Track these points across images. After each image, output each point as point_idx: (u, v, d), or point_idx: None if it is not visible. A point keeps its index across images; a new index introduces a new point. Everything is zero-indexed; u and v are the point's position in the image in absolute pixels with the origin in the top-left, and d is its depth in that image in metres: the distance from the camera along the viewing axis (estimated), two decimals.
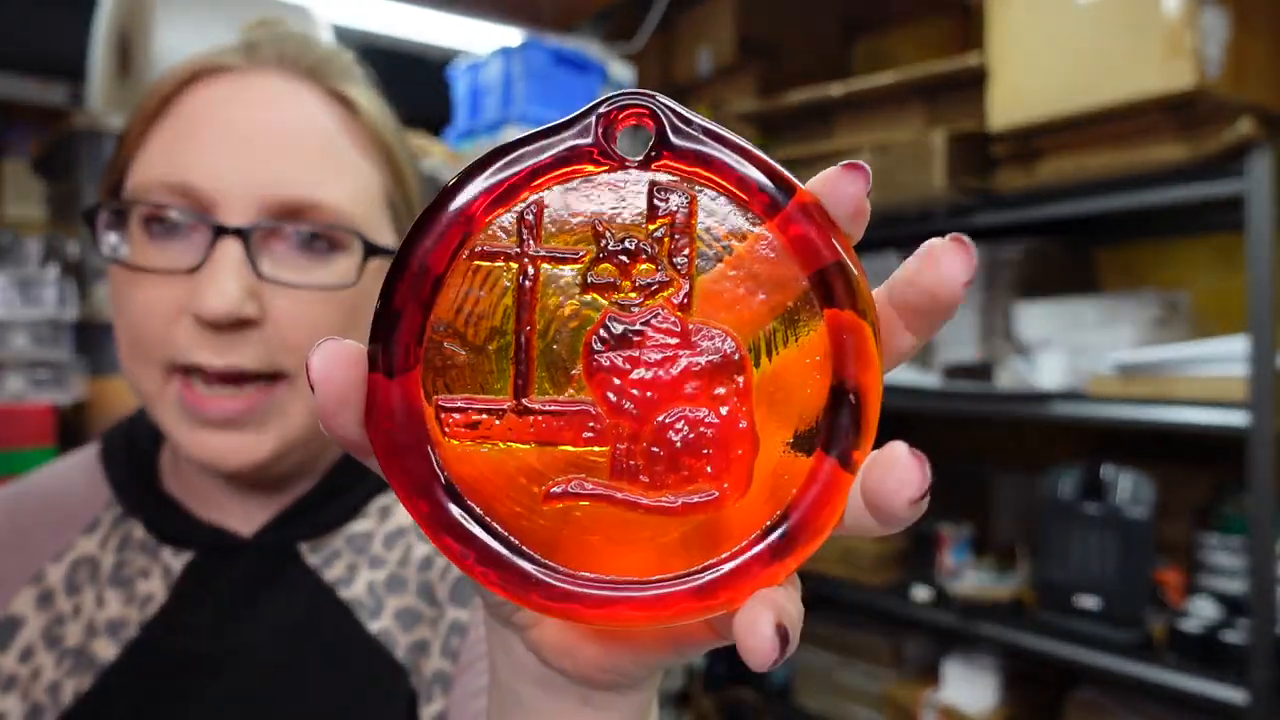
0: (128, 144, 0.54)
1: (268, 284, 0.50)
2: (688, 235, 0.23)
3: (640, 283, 0.23)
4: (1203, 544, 1.62)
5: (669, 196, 0.23)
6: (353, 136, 0.54)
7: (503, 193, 0.23)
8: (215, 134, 0.50)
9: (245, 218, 0.50)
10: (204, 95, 0.52)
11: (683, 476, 0.23)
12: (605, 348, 0.23)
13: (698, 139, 0.23)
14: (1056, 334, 1.71)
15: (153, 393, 0.51)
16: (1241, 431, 1.37)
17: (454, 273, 0.23)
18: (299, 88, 0.54)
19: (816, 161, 1.95)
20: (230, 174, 0.50)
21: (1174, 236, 1.90)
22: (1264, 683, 1.34)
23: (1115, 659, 1.53)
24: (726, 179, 0.23)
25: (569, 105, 1.91)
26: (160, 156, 0.51)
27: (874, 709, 2.01)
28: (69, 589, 0.54)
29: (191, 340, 0.49)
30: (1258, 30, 1.48)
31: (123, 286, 0.51)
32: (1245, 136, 1.35)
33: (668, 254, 0.23)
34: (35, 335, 1.35)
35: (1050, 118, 1.55)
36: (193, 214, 0.50)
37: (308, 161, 0.52)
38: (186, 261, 0.49)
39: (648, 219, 0.23)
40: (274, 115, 0.52)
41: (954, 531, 1.94)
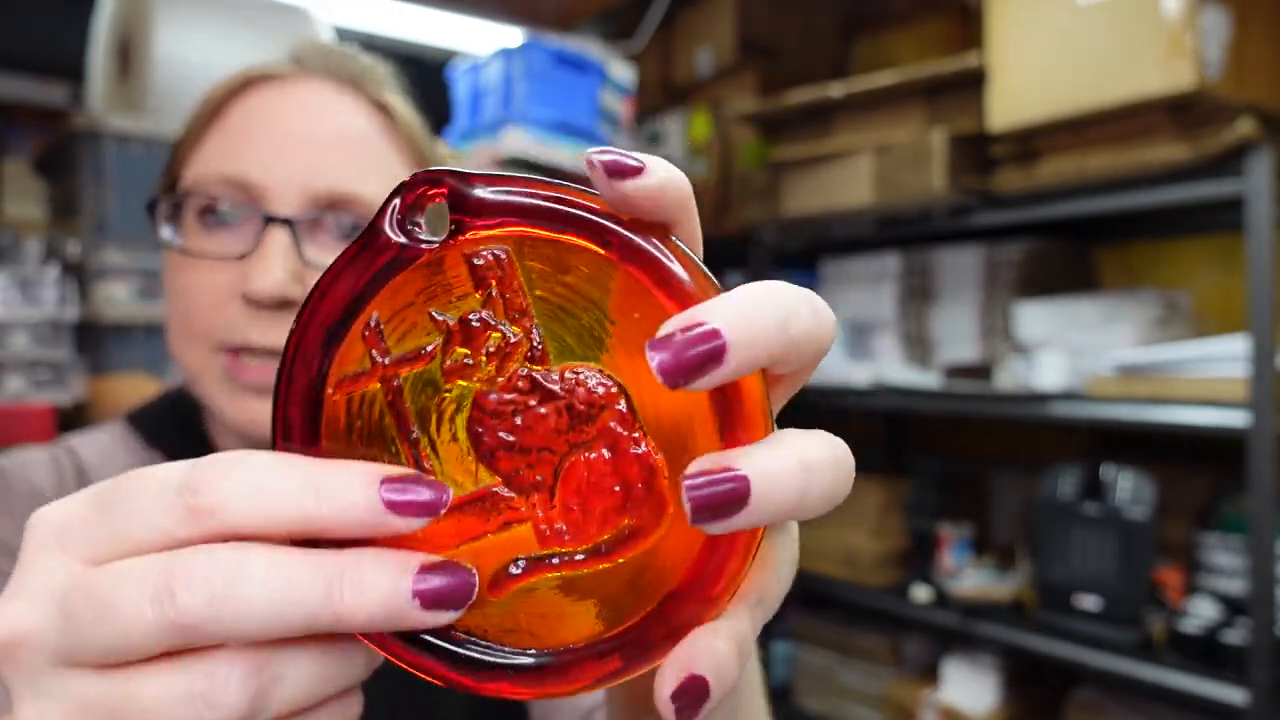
0: (185, 145, 0.58)
1: (311, 269, 0.54)
2: (517, 290, 0.23)
3: (491, 352, 0.23)
4: (1202, 544, 1.62)
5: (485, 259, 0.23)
6: (389, 140, 0.60)
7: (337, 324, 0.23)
8: (266, 134, 0.55)
9: (292, 208, 0.54)
10: (256, 100, 0.57)
11: (604, 521, 0.23)
12: (486, 427, 0.23)
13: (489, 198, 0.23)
14: (1056, 334, 1.71)
15: (199, 368, 0.56)
16: (1241, 431, 1.37)
17: (327, 413, 0.23)
18: (342, 95, 0.59)
19: (817, 161, 1.95)
20: (279, 169, 0.54)
21: (1174, 237, 1.90)
22: (1264, 683, 1.34)
23: (1115, 659, 1.53)
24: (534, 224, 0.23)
25: (569, 105, 1.91)
26: (215, 154, 0.56)
27: (873, 709, 2.01)
28: None
29: (241, 320, 0.54)
30: (1258, 30, 1.48)
31: (177, 272, 0.56)
32: (1245, 137, 1.35)
33: (506, 315, 0.23)
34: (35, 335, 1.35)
35: (1050, 118, 1.55)
36: (244, 204, 0.54)
37: (349, 159, 0.56)
38: (238, 249, 0.54)
39: (476, 289, 0.23)
40: (320, 118, 0.57)
41: (954, 531, 1.94)
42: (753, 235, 2.17)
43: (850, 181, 1.87)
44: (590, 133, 1.91)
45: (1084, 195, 1.59)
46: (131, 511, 0.22)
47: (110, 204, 1.38)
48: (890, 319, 2.04)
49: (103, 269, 1.39)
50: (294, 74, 0.59)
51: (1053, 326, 1.73)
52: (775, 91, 2.07)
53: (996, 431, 2.22)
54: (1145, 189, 1.51)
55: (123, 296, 1.40)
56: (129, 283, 1.41)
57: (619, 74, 2.13)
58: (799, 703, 2.19)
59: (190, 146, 0.58)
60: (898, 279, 2.04)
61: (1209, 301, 1.83)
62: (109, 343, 1.38)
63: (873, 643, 2.04)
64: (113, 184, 1.38)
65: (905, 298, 2.03)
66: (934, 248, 1.98)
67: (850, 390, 1.99)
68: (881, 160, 1.81)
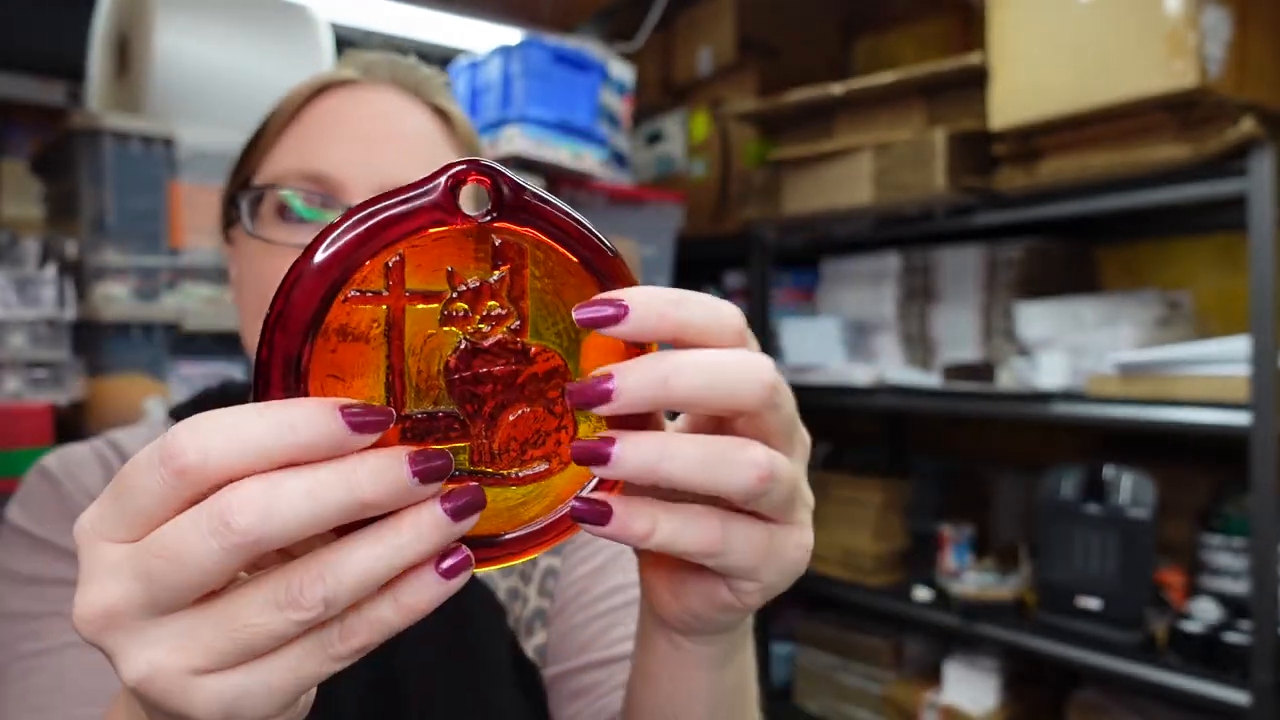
0: (259, 146, 0.63)
1: None
2: (522, 278, 0.30)
3: (487, 314, 0.30)
4: (1204, 545, 1.62)
5: (507, 248, 0.30)
6: (448, 141, 0.65)
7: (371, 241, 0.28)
8: (341, 133, 0.60)
9: None
10: (331, 103, 0.62)
11: (525, 458, 0.31)
12: (461, 367, 0.30)
13: (528, 203, 0.30)
14: (1057, 334, 1.71)
15: None
16: (1243, 431, 1.37)
17: (334, 312, 0.28)
18: (407, 99, 0.64)
19: (817, 160, 1.94)
20: (354, 165, 0.59)
21: (1175, 236, 1.90)
22: (1266, 684, 1.34)
23: (1117, 660, 1.52)
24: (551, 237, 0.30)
25: (569, 104, 1.90)
26: (294, 152, 0.60)
27: (874, 710, 2.01)
28: None
29: None
30: (1260, 29, 1.47)
31: (257, 260, 0.60)
32: (1247, 136, 1.34)
33: (507, 293, 0.30)
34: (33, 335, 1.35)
35: (1051, 117, 1.55)
36: (323, 197, 0.59)
37: (416, 158, 0.61)
38: None
39: (492, 266, 0.30)
40: (389, 119, 0.62)
41: (955, 532, 1.94)
42: (753, 235, 2.17)
43: (851, 181, 1.87)
44: (590, 132, 1.91)
45: (1085, 195, 1.58)
46: (135, 492, 0.26)
47: (109, 203, 1.38)
48: (891, 319, 2.03)
49: (101, 268, 1.39)
50: (363, 81, 0.64)
51: (1054, 326, 1.72)
52: (775, 91, 2.07)
53: (998, 432, 2.21)
54: (1147, 188, 1.51)
55: (121, 296, 1.40)
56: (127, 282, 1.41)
57: (619, 73, 2.12)
58: (799, 704, 2.18)
59: (266, 147, 0.63)
60: (898, 279, 2.03)
61: (1211, 301, 1.83)
62: (107, 343, 1.38)
63: (873, 643, 2.03)
64: (111, 183, 1.38)
65: (906, 297, 2.03)
66: (935, 247, 1.97)
67: (851, 390, 1.98)
68: (882, 159, 1.81)
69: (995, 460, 2.19)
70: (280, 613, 0.26)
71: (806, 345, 2.06)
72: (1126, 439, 1.92)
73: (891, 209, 1.86)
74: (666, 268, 2.18)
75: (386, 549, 0.27)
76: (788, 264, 2.28)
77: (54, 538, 0.59)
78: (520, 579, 0.67)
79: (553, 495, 0.32)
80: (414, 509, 0.27)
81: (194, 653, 0.27)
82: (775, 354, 2.18)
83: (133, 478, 0.26)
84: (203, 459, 0.25)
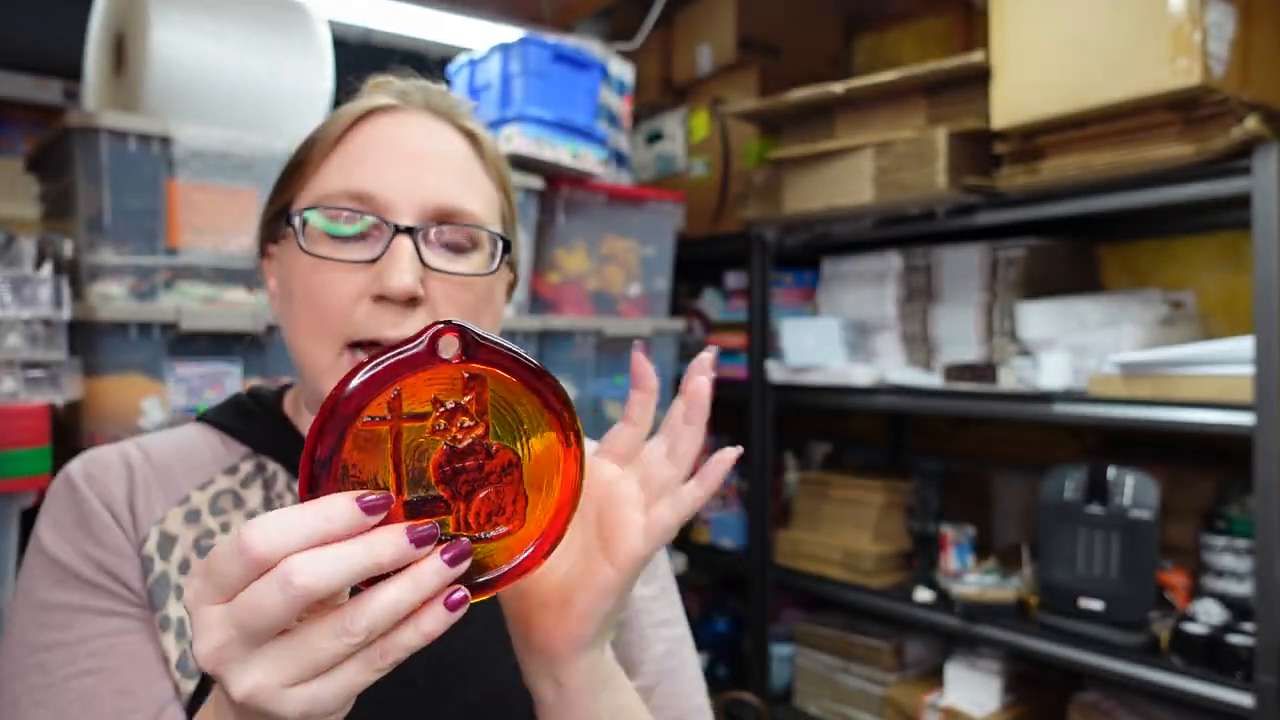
0: (304, 168, 0.67)
1: (429, 272, 0.64)
2: (484, 398, 0.43)
3: (460, 426, 0.43)
4: (1208, 546, 1.61)
5: (473, 378, 0.43)
6: (481, 162, 0.70)
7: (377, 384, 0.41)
8: (385, 156, 0.65)
9: (413, 219, 0.64)
10: (374, 128, 0.67)
11: (492, 523, 0.44)
12: (444, 463, 0.43)
13: (486, 349, 0.43)
14: (1060, 334, 1.70)
15: (326, 365, 0.64)
16: (1247, 432, 1.36)
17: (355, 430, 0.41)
18: (442, 124, 0.69)
19: (818, 160, 1.93)
20: (400, 185, 0.64)
21: (1179, 235, 1.89)
22: (1270, 686, 1.33)
23: (1119, 662, 1.51)
24: (501, 367, 0.43)
25: (568, 103, 1.90)
26: (340, 174, 0.65)
27: (875, 712, 2.00)
28: (214, 510, 0.68)
29: (371, 317, 0.63)
30: (1264, 27, 1.47)
31: (308, 275, 0.64)
32: (1251, 134, 1.33)
33: (475, 410, 0.43)
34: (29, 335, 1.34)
35: (1054, 115, 1.54)
36: (372, 215, 0.64)
37: (455, 178, 0.67)
38: (366, 255, 0.64)
39: (463, 391, 0.43)
40: (428, 143, 0.67)
41: (956, 533, 1.93)
42: (753, 235, 2.16)
43: (852, 180, 1.86)
44: (590, 131, 1.90)
45: (1088, 194, 1.57)
46: (222, 573, 0.39)
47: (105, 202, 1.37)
48: (892, 318, 2.02)
49: (97, 268, 1.38)
50: (402, 107, 0.68)
51: (1056, 326, 1.71)
52: (776, 89, 2.06)
53: (999, 432, 2.21)
54: (1150, 187, 1.50)
55: (118, 295, 1.39)
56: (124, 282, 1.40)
57: (619, 72, 2.12)
58: (800, 705, 2.18)
59: (311, 170, 0.67)
60: (900, 278, 2.02)
61: (1214, 301, 1.82)
62: (104, 342, 1.37)
63: (874, 645, 2.03)
64: (107, 182, 1.37)
65: (907, 297, 2.02)
66: (936, 247, 1.97)
67: (852, 390, 1.97)
68: (883, 158, 1.80)
69: (997, 461, 2.18)
70: (338, 640, 0.38)
71: (807, 345, 2.05)
72: (1129, 439, 1.91)
73: (893, 208, 1.85)
74: (666, 267, 2.17)
75: (407, 590, 0.40)
76: (788, 264, 2.28)
77: (66, 558, 0.63)
78: None
79: (514, 546, 0.45)
80: (422, 561, 0.40)
81: (282, 672, 0.38)
82: (775, 354, 2.17)
83: (220, 563, 0.38)
84: (269, 549, 0.37)
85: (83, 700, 0.59)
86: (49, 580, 0.63)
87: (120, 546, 0.64)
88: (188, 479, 0.69)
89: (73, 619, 0.61)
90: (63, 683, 0.59)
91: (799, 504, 2.22)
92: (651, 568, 0.81)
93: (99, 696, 0.59)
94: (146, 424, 1.41)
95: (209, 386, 1.46)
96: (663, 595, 0.80)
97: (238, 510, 0.68)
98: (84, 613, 0.62)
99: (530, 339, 1.88)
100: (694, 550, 2.37)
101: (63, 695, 0.59)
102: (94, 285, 1.39)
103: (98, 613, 0.62)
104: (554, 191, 1.91)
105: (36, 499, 1.27)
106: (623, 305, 2.08)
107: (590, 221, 2.00)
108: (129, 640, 0.62)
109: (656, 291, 2.15)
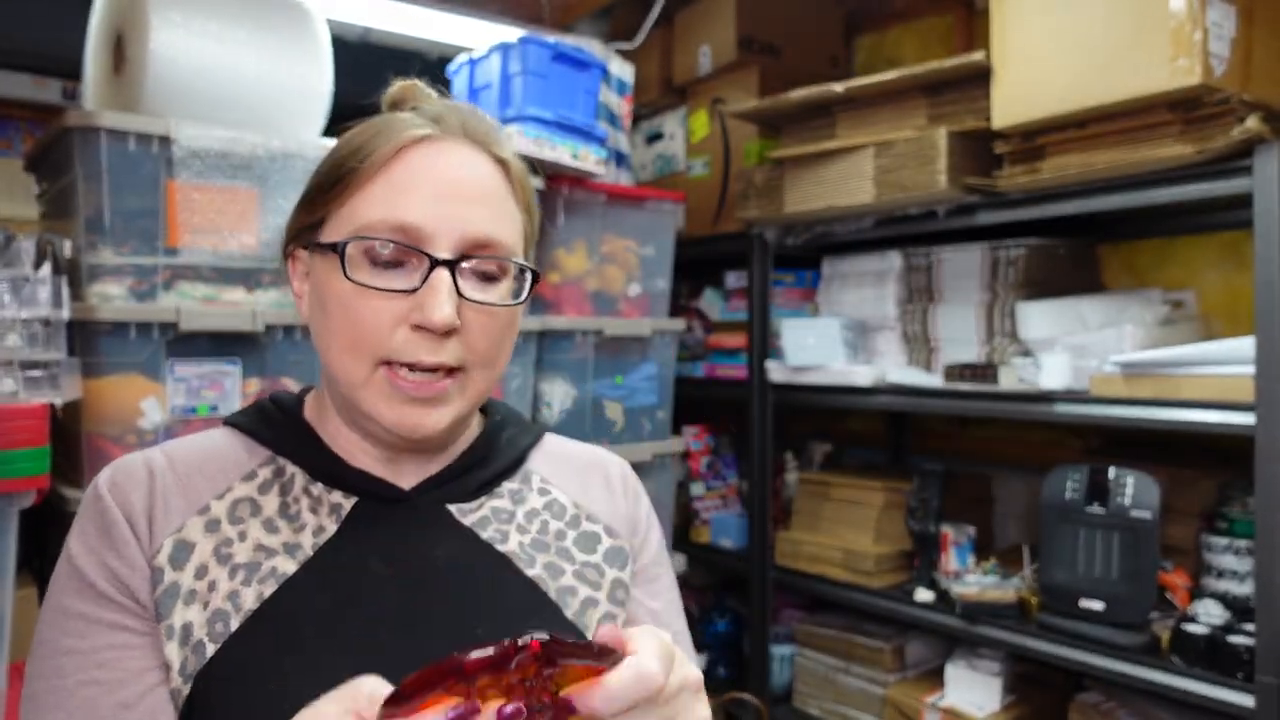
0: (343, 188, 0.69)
1: (463, 301, 0.67)
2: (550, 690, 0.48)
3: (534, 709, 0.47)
4: (1208, 546, 1.61)
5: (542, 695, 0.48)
6: (510, 190, 0.73)
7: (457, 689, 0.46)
8: (428, 189, 0.67)
9: (449, 251, 0.67)
10: (416, 159, 0.69)
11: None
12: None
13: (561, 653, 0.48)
14: (1060, 333, 1.70)
15: (361, 380, 0.67)
16: (1248, 432, 1.36)
17: None
18: (476, 152, 0.71)
19: (818, 159, 1.93)
20: (439, 218, 0.67)
21: (1179, 235, 1.89)
22: (1270, 686, 1.33)
23: (1120, 662, 1.51)
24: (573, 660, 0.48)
25: (568, 103, 1.89)
26: (384, 205, 0.67)
27: (875, 712, 2.00)
28: (232, 519, 0.69)
29: (409, 343, 0.66)
30: (1265, 26, 1.46)
31: (349, 299, 0.67)
32: (1252, 134, 1.33)
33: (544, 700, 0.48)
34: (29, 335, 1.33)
35: (1055, 115, 1.54)
36: (411, 247, 0.66)
37: (488, 209, 0.69)
38: (406, 285, 0.66)
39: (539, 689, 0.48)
40: (464, 174, 0.69)
41: (956, 533, 1.93)
42: (753, 234, 2.16)
43: (852, 179, 1.86)
44: (590, 130, 1.90)
45: (1089, 193, 1.57)
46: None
47: (105, 202, 1.37)
48: (892, 318, 2.02)
49: (97, 268, 1.38)
50: (439, 136, 0.70)
51: (1057, 326, 1.71)
52: (776, 89, 2.06)
53: (1000, 432, 2.21)
54: (1151, 187, 1.50)
55: (118, 295, 1.39)
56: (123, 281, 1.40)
57: (619, 71, 2.11)
58: (800, 706, 2.17)
59: (351, 191, 0.68)
60: (900, 278, 2.02)
61: (1215, 301, 1.82)
62: (103, 342, 1.37)
63: (875, 645, 2.02)
64: (107, 182, 1.37)
65: (907, 297, 2.02)
66: (937, 246, 1.96)
67: (852, 390, 1.97)
68: (884, 158, 1.80)
69: (997, 461, 2.18)
70: None
71: (807, 345, 2.05)
72: (1130, 440, 1.91)
73: (893, 208, 1.85)
74: (666, 267, 2.17)
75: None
76: (788, 264, 2.27)
77: (86, 567, 0.65)
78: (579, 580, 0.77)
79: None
80: None
81: None
82: (775, 354, 2.17)
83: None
84: None
85: (85, 708, 0.62)
86: (72, 589, 0.66)
87: (134, 559, 0.66)
88: (209, 487, 0.71)
89: (88, 629, 0.64)
90: (74, 689, 0.63)
91: (799, 504, 2.21)
92: (656, 580, 0.83)
93: (100, 708, 0.62)
94: (146, 424, 1.41)
95: (208, 386, 1.46)
96: (669, 607, 0.83)
97: (254, 518, 0.70)
98: (97, 624, 0.64)
99: (530, 339, 1.87)
100: (694, 550, 2.37)
101: (71, 700, 0.62)
102: (93, 285, 1.39)
103: (109, 625, 0.64)
104: (554, 191, 1.91)
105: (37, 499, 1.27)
106: (623, 305, 2.08)
107: (590, 221, 2.00)
108: (134, 654, 0.64)
109: (656, 291, 2.14)
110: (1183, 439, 1.79)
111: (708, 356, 2.42)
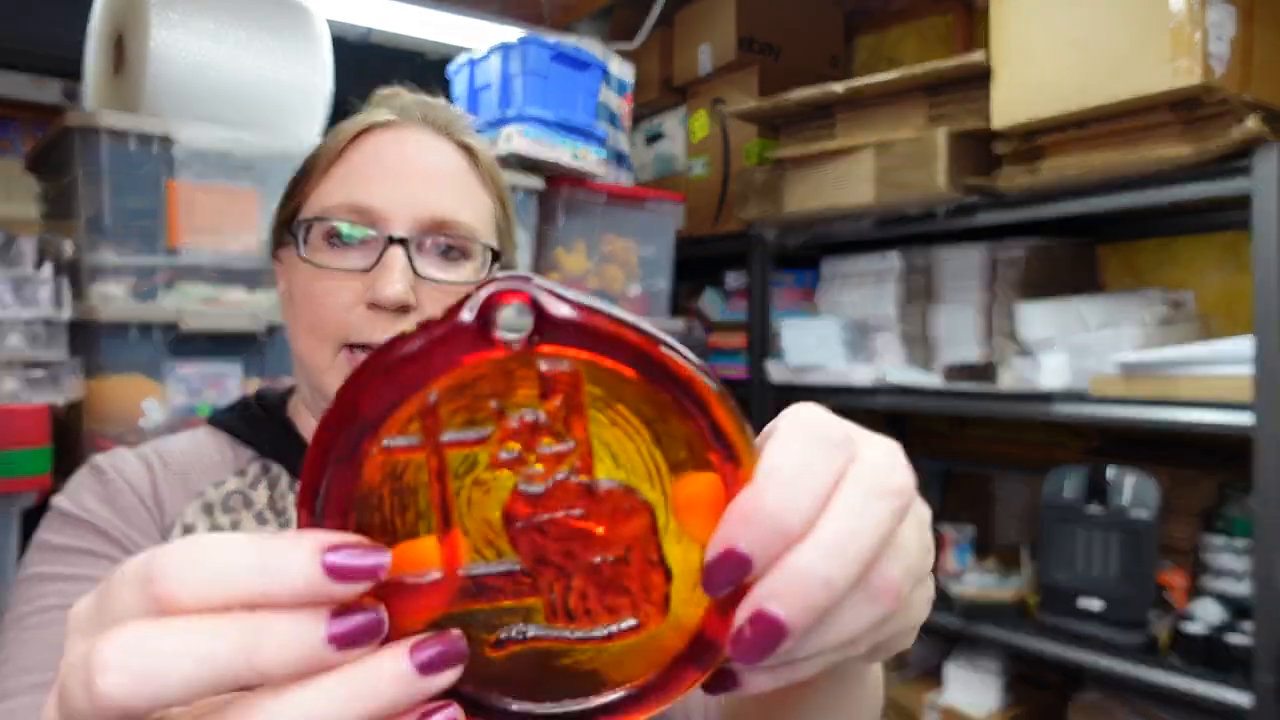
0: (308, 179, 0.70)
1: (421, 280, 0.67)
2: (579, 407, 0.25)
3: (543, 453, 0.26)
4: (1207, 546, 1.61)
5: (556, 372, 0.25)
6: (476, 175, 0.73)
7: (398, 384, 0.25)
8: (384, 170, 0.68)
9: (406, 230, 0.67)
10: (372, 143, 0.70)
11: (612, 613, 0.27)
12: (519, 515, 0.26)
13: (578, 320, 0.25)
14: (1059, 334, 1.70)
15: (324, 364, 0.67)
16: (1247, 432, 1.36)
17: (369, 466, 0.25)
18: (438, 138, 0.72)
19: (818, 159, 1.93)
20: (396, 199, 0.67)
21: (1179, 235, 1.89)
22: (1269, 685, 1.33)
23: (1119, 661, 1.51)
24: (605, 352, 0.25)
25: (568, 103, 1.90)
26: (341, 187, 0.68)
27: None
28: (225, 509, 0.70)
29: (364, 322, 0.66)
30: (1265, 27, 1.46)
31: (308, 282, 0.67)
32: (1252, 134, 1.33)
33: (564, 424, 0.26)
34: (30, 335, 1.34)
35: (1054, 115, 1.54)
36: (368, 226, 0.67)
37: (449, 191, 0.69)
38: (361, 264, 0.66)
39: (542, 396, 0.25)
40: (424, 157, 0.70)
41: (956, 533, 1.93)
42: (753, 234, 2.16)
43: (852, 180, 1.86)
44: (590, 131, 1.90)
45: (1088, 194, 1.57)
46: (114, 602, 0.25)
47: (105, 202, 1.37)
48: (892, 318, 2.02)
49: (98, 268, 1.38)
50: (400, 122, 0.71)
51: (1056, 326, 1.71)
52: (776, 89, 2.06)
53: (999, 432, 2.21)
54: (1150, 187, 1.50)
55: (118, 296, 1.39)
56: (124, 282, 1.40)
57: (619, 71, 2.12)
58: None
59: (315, 181, 0.70)
60: (900, 278, 2.02)
61: (1214, 301, 1.82)
62: (104, 343, 1.37)
63: None
64: (108, 182, 1.37)
65: (907, 297, 2.02)
66: (936, 246, 1.96)
67: (851, 390, 1.97)
68: (883, 158, 1.80)
69: (997, 461, 2.18)
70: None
71: (806, 345, 2.05)
72: (1129, 439, 1.91)
73: (893, 208, 1.85)
74: (666, 267, 2.17)
75: (329, 701, 0.23)
76: (788, 264, 2.27)
77: (91, 518, 0.65)
78: None
79: (652, 649, 0.27)
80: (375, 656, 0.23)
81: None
82: (775, 354, 2.17)
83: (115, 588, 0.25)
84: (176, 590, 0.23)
85: None
86: (71, 531, 0.65)
87: (145, 526, 0.67)
88: (203, 479, 0.71)
89: (92, 562, 0.64)
90: (64, 610, 0.60)
91: None
92: None
93: None
94: (146, 424, 1.41)
95: (209, 386, 1.46)
96: None
97: (247, 510, 0.71)
98: (89, 555, 0.63)
99: None
100: None
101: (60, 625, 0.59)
102: (94, 285, 1.39)
103: (102, 556, 0.64)
104: (554, 191, 1.91)
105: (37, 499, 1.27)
106: (623, 305, 2.08)
107: (590, 221, 2.00)
108: None
109: (656, 291, 2.15)
110: (1182, 439, 1.79)
111: (708, 357, 2.42)
